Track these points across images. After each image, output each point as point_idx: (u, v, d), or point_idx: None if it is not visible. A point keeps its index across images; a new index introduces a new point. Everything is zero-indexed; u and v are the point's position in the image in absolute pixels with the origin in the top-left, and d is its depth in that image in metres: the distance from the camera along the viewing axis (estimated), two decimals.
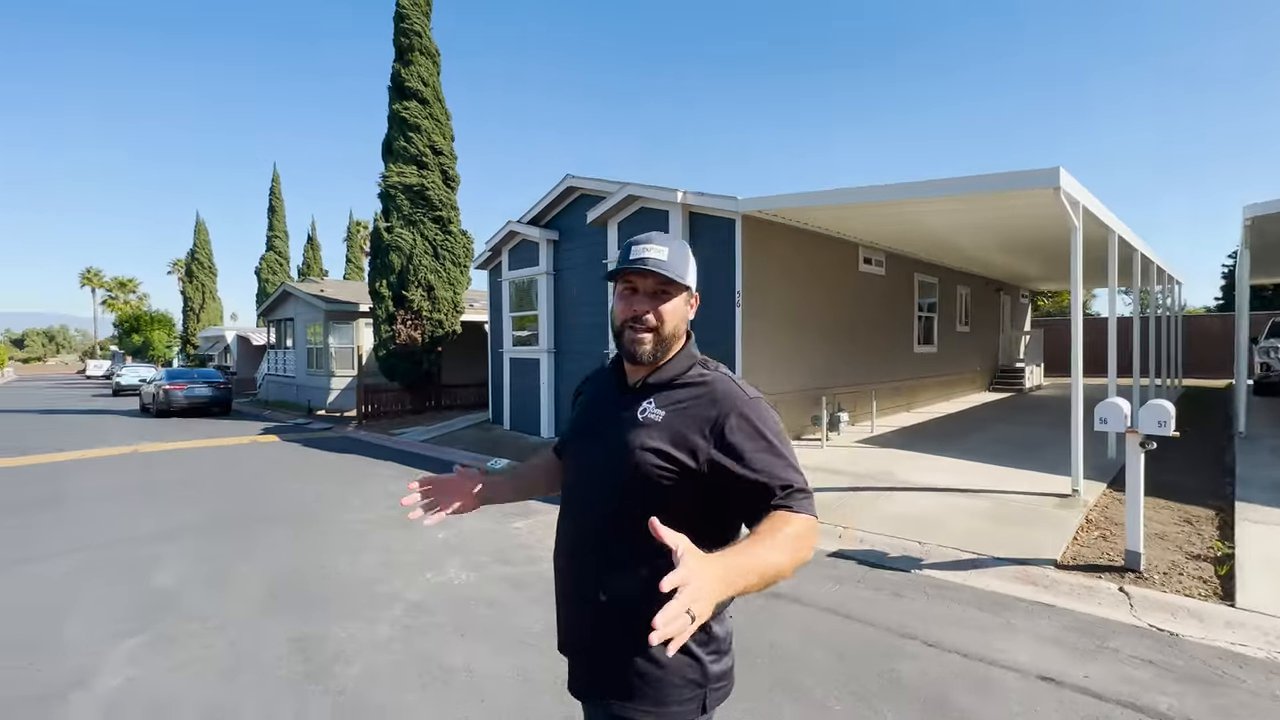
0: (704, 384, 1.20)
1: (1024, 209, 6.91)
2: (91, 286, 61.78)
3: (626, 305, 1.20)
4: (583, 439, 1.31)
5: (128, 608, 3.75)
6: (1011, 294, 17.37)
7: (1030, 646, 3.07)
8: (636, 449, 1.15)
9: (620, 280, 1.21)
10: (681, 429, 1.15)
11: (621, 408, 1.23)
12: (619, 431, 1.20)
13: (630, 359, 1.22)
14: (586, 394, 1.38)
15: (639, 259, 1.17)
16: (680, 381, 1.21)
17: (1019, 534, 4.71)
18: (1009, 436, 8.75)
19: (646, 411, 1.19)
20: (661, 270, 1.16)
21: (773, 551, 0.96)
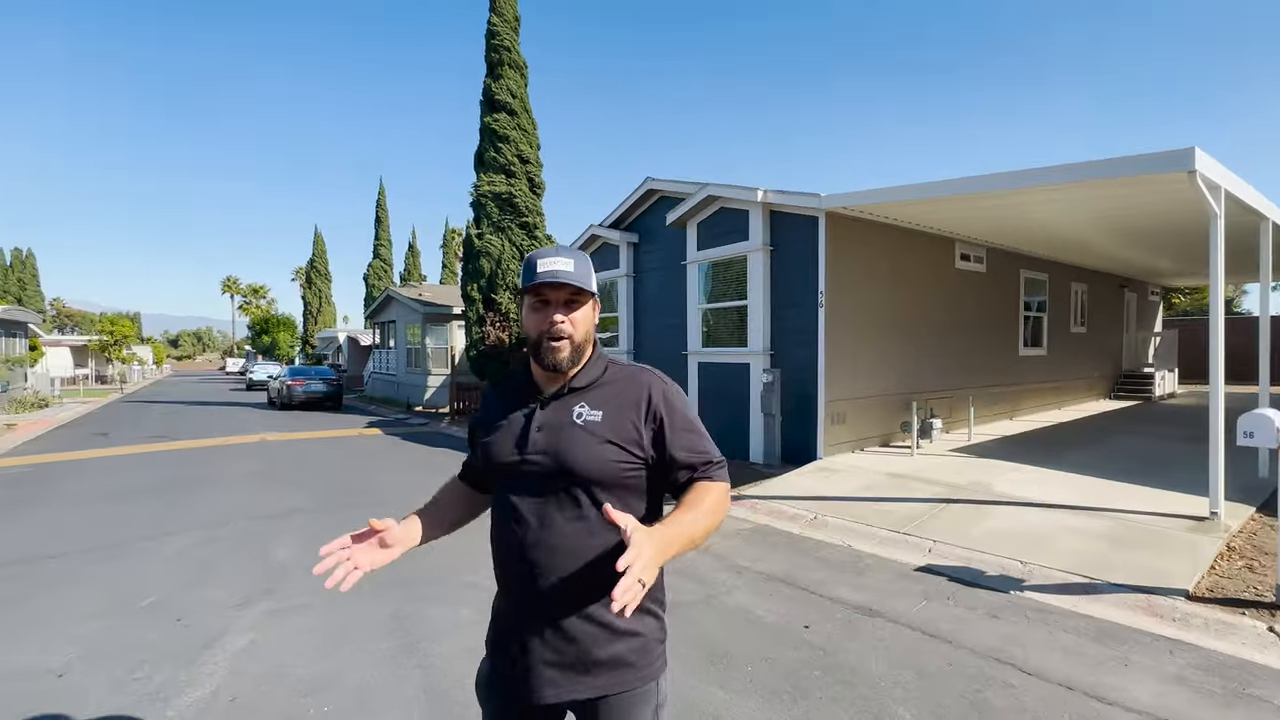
0: (625, 378, 1.32)
1: (1152, 196, 6.16)
2: (230, 293, 69.84)
3: (541, 317, 1.26)
4: (523, 454, 1.26)
5: (251, 578, 4.21)
6: (1138, 291, 15.55)
7: (1151, 685, 2.74)
8: (591, 451, 1.23)
9: (530, 294, 1.27)
10: (622, 423, 1.26)
11: (553, 416, 1.28)
12: (564, 439, 1.24)
13: (549, 368, 1.28)
14: (496, 413, 1.36)
15: (550, 272, 1.24)
16: (603, 381, 1.31)
17: (1142, 559, 4.21)
18: (1132, 450, 7.85)
19: (583, 415, 1.26)
20: (572, 281, 1.23)
21: (699, 520, 1.17)
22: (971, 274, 9.66)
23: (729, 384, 8.61)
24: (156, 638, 3.30)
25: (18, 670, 2.98)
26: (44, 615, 3.65)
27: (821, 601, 3.74)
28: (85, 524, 5.76)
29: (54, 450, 10.64)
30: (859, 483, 6.48)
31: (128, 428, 13.82)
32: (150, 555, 4.75)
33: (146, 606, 3.74)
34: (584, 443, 1.23)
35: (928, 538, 4.82)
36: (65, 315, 66.33)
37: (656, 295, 10.27)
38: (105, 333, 34.38)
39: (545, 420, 1.27)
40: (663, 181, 9.88)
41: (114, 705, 2.67)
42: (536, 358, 1.29)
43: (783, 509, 5.83)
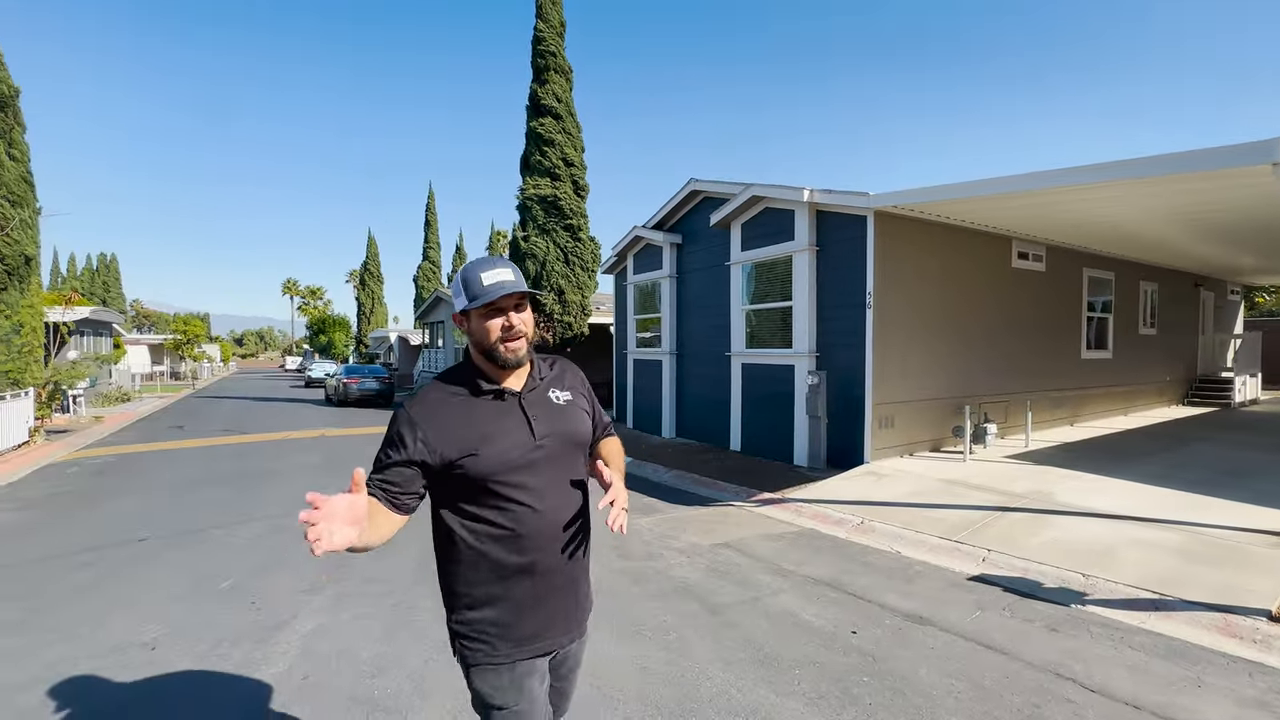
0: (563, 366, 1.64)
1: (1233, 191, 5.79)
2: (290, 294, 73.39)
3: (497, 323, 1.42)
4: (536, 443, 1.45)
5: (317, 566, 4.46)
6: (1216, 290, 14.55)
7: (1228, 708, 2.60)
8: (582, 422, 1.56)
9: (485, 306, 1.42)
10: (580, 398, 1.61)
11: (539, 406, 1.50)
12: (561, 420, 1.51)
13: (509, 365, 1.45)
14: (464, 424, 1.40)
15: (499, 284, 1.41)
16: (554, 371, 1.60)
17: (1218, 575, 3.97)
18: (1207, 459, 7.37)
19: (561, 398, 1.54)
20: (518, 289, 1.41)
21: (621, 462, 1.68)
22: (1030, 273, 9.26)
23: (773, 385, 8.53)
24: (234, 619, 3.55)
25: (116, 644, 3.26)
26: (133, 595, 3.97)
27: (869, 607, 3.69)
28: (166, 511, 6.20)
29: (136, 441, 11.47)
30: (908, 488, 6.32)
31: (201, 421, 14.75)
32: (225, 542, 5.09)
33: (224, 589, 4.02)
34: (576, 418, 1.55)
35: (981, 546, 4.67)
36: (143, 315, 71.09)
37: (699, 296, 10.27)
38: (179, 332, 36.74)
39: (535, 410, 1.49)
40: (706, 182, 9.87)
41: (200, 678, 2.90)
42: (493, 359, 1.44)
43: (828, 513, 5.75)
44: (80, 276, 50.54)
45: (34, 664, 3.06)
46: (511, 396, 1.47)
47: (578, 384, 1.63)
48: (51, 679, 2.91)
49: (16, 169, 11.45)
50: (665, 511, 6.00)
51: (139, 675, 2.93)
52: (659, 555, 4.68)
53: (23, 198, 11.44)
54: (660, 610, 3.67)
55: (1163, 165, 4.90)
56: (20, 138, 11.70)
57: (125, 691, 2.81)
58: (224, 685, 2.84)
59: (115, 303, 51.91)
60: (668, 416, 10.89)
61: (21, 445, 10.44)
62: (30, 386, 11.16)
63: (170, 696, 2.75)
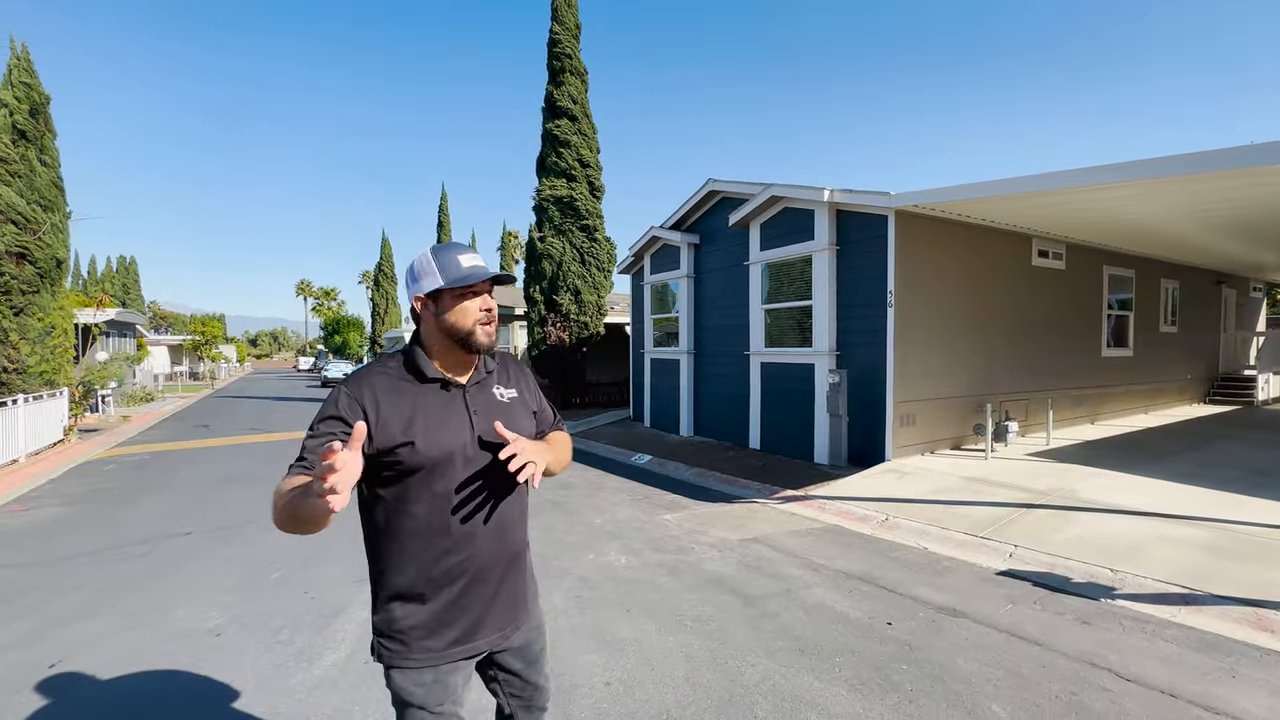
0: (505, 360, 1.60)
1: (1256, 189, 5.80)
2: (304, 295, 74.19)
3: (475, 305, 1.40)
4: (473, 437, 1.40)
5: (361, 558, 4.59)
6: (1238, 287, 14.42)
7: (1262, 699, 2.67)
8: (524, 421, 1.53)
9: (461, 289, 1.39)
10: (526, 395, 1.59)
11: (481, 401, 1.46)
12: (501, 417, 1.44)
13: (484, 351, 1.43)
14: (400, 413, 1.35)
15: (474, 267, 1.39)
16: (498, 366, 1.56)
17: (1248, 571, 4.02)
18: (1233, 457, 7.37)
19: (504, 394, 1.52)
20: (495, 274, 1.42)
21: (564, 451, 1.61)
22: (1050, 271, 9.27)
23: (793, 384, 8.60)
24: (290, 607, 3.70)
25: (182, 630, 3.42)
26: (188, 586, 4.14)
27: (902, 600, 3.77)
28: (205, 506, 6.40)
29: (166, 440, 11.75)
30: (931, 485, 6.39)
31: (225, 420, 15.04)
32: (266, 536, 5.25)
33: (275, 580, 4.18)
34: (518, 415, 1.51)
35: (1008, 542, 4.73)
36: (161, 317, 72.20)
37: (717, 296, 10.35)
38: (197, 333, 37.30)
39: (477, 405, 1.45)
40: (724, 183, 9.95)
41: (268, 662, 3.04)
42: (468, 345, 1.40)
43: (852, 510, 5.83)
44: (102, 279, 51.43)
45: (116, 648, 3.23)
46: (456, 389, 1.43)
47: (523, 381, 1.59)
48: (134, 664, 3.07)
49: (48, 174, 11.76)
50: (691, 508, 6.10)
51: (211, 660, 3.09)
52: (690, 550, 4.79)
53: (54, 202, 11.75)
54: (698, 602, 3.78)
55: (1185, 164, 4.94)
56: (51, 144, 12.02)
57: (199, 676, 2.96)
58: (290, 670, 2.98)
59: (135, 304, 52.77)
60: (686, 415, 10.99)
61: (57, 444, 10.74)
62: (64, 386, 11.46)
63: (241, 680, 2.90)
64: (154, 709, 2.70)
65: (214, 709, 2.69)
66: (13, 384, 10.45)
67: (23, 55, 11.58)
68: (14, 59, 11.43)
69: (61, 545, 5.10)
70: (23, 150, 11.12)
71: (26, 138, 11.24)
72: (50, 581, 4.24)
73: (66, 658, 3.12)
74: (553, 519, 5.74)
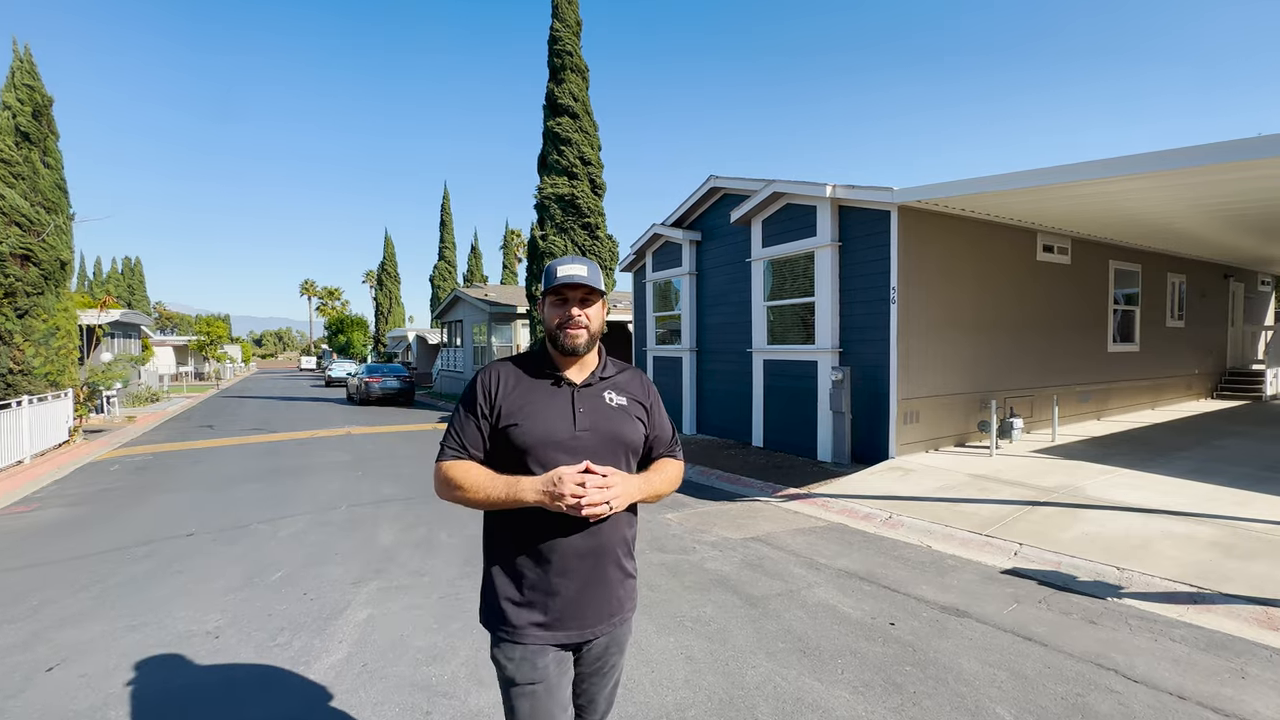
0: (629, 374, 1.68)
1: (1256, 182, 5.71)
2: (308, 295, 74.43)
3: (562, 311, 1.53)
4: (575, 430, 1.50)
5: (361, 559, 4.60)
6: (1246, 281, 14.28)
7: (1273, 700, 2.62)
8: (629, 425, 1.57)
9: (552, 294, 1.54)
10: (637, 407, 1.63)
11: (590, 400, 1.55)
12: (605, 418, 1.54)
13: (569, 352, 1.54)
14: (520, 396, 1.52)
15: (568, 275, 1.51)
16: (618, 376, 1.64)
17: (1258, 569, 3.96)
18: (1240, 453, 7.29)
19: (614, 400, 1.58)
20: (586, 282, 1.51)
21: (665, 482, 1.61)
22: (1055, 266, 9.19)
23: (795, 381, 8.56)
24: (289, 609, 3.69)
25: (181, 633, 3.41)
26: (191, 586, 4.13)
27: (905, 600, 3.73)
28: (208, 507, 6.40)
29: (171, 440, 11.79)
30: (935, 483, 6.33)
31: (229, 421, 15.08)
32: (269, 536, 5.25)
33: (275, 581, 4.17)
34: (624, 421, 1.57)
35: (1013, 540, 4.68)
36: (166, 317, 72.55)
37: (720, 293, 10.31)
38: (202, 333, 37.47)
39: (584, 404, 1.54)
40: (726, 179, 9.90)
41: (265, 664, 3.03)
42: (555, 343, 1.55)
43: (855, 508, 5.79)
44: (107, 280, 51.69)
45: (114, 651, 3.22)
46: (568, 385, 1.55)
47: (640, 394, 1.65)
48: (131, 668, 3.06)
49: (51, 176, 11.80)
50: (693, 506, 6.07)
51: (207, 663, 3.07)
52: (692, 549, 4.76)
53: (57, 204, 11.79)
54: (699, 602, 3.75)
55: (1192, 157, 4.86)
56: (54, 146, 12.05)
57: (197, 679, 2.95)
58: (287, 673, 2.97)
59: (140, 305, 53.02)
60: (688, 412, 10.95)
61: (62, 444, 10.78)
62: (69, 387, 11.51)
63: (238, 684, 2.88)
64: (147, 713, 2.69)
65: (207, 714, 2.67)
66: (18, 385, 10.50)
67: (26, 57, 11.61)
68: (17, 61, 11.46)
69: (64, 547, 5.10)
70: (26, 152, 11.15)
71: (30, 140, 11.27)
72: (52, 583, 4.24)
73: (65, 661, 3.12)
74: None
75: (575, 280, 1.51)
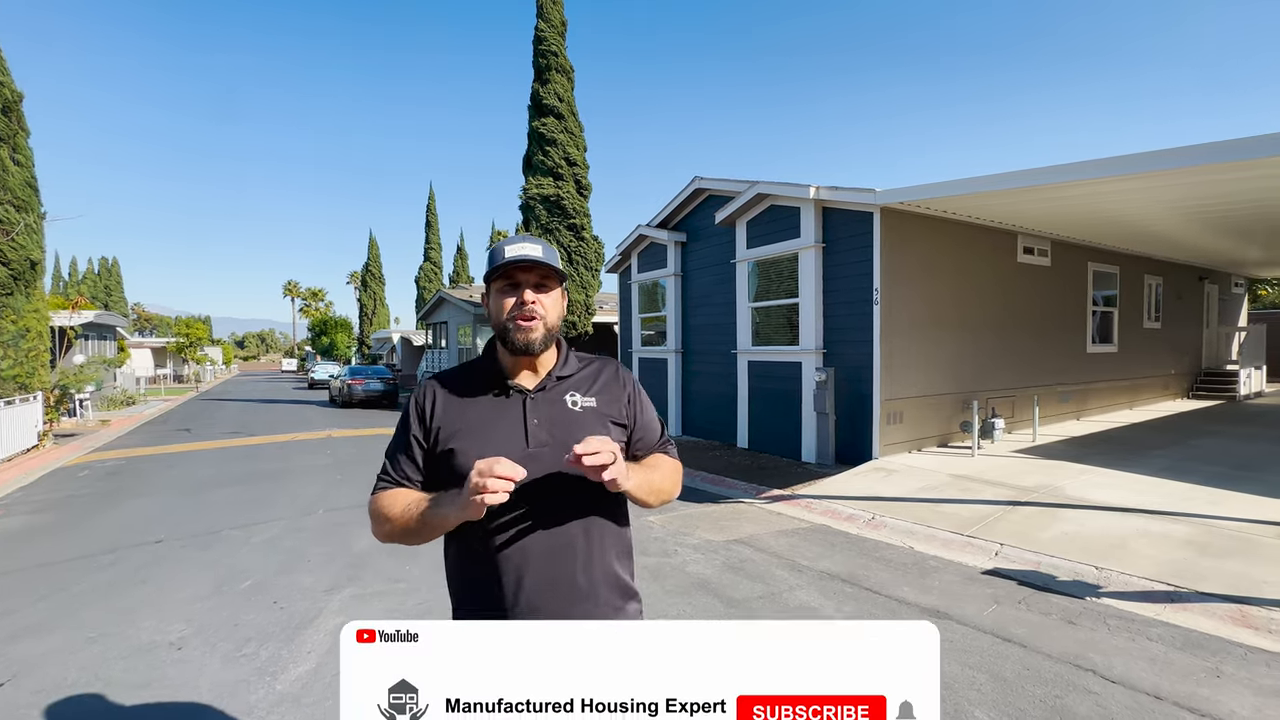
0: (598, 365, 1.41)
1: (1246, 183, 5.80)
2: (291, 296, 73.41)
3: (511, 299, 1.26)
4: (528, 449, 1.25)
5: (335, 567, 4.49)
6: (1220, 283, 14.57)
7: (1247, 699, 2.63)
8: (596, 433, 1.20)
9: (500, 279, 1.27)
10: (612, 406, 1.35)
11: (546, 408, 1.29)
12: (565, 428, 1.27)
13: (520, 350, 1.27)
14: (459, 413, 1.29)
15: (519, 254, 1.24)
16: (581, 370, 1.37)
17: (1233, 567, 4.00)
18: (1215, 452, 7.40)
19: (577, 404, 1.31)
20: (542, 260, 1.25)
21: (665, 479, 1.36)
22: (1035, 268, 9.28)
23: (780, 383, 8.56)
24: (258, 618, 3.58)
25: (142, 644, 3.29)
26: (156, 595, 4.00)
27: (887, 602, 3.71)
28: (179, 513, 6.24)
29: (145, 445, 11.51)
30: (918, 483, 6.35)
31: (207, 424, 14.79)
32: (241, 543, 5.12)
33: (245, 589, 4.05)
34: (588, 425, 1.27)
35: (994, 541, 4.70)
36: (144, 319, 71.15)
37: (705, 294, 10.29)
38: (181, 335, 36.81)
39: (539, 413, 1.28)
40: (711, 180, 9.88)
41: (229, 678, 2.93)
42: (504, 340, 1.28)
43: (839, 509, 5.78)
44: (82, 281, 50.60)
45: (71, 664, 3.09)
46: (517, 393, 1.30)
47: (612, 389, 1.37)
48: (88, 682, 2.94)
49: (21, 174, 11.50)
50: (677, 509, 6.02)
51: (166, 678, 2.96)
52: (674, 552, 4.71)
53: (27, 202, 11.49)
54: (681, 605, 3.70)
55: (1169, 159, 4.92)
56: (24, 143, 11.75)
57: (158, 693, 2.84)
58: (253, 684, 2.87)
59: (117, 306, 51.95)
60: (674, 414, 10.92)
61: (31, 449, 10.48)
62: (38, 390, 11.20)
63: (200, 697, 2.78)
64: None
65: None
66: None
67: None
68: None
69: (26, 555, 4.93)
70: None
71: None
72: (9, 594, 4.09)
73: (17, 675, 2.99)
74: None
75: (527, 259, 1.24)
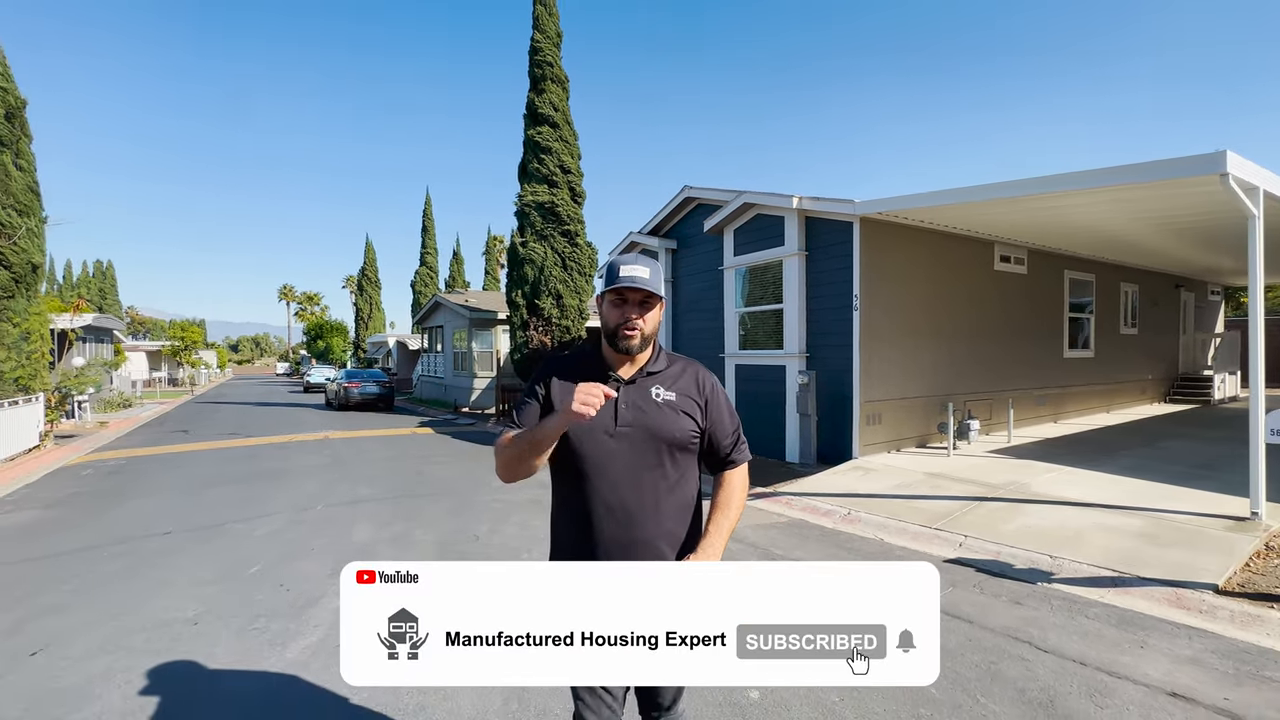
0: (682, 367, 1.67)
1: (1196, 198, 6.16)
2: (286, 300, 73.45)
3: (620, 312, 1.56)
4: (617, 425, 1.56)
5: (337, 554, 4.74)
6: (1196, 291, 14.98)
7: (1163, 665, 2.92)
8: (673, 422, 1.57)
9: (613, 293, 1.57)
10: (688, 402, 1.61)
11: (635, 395, 1.59)
12: (647, 415, 1.57)
13: (623, 352, 1.58)
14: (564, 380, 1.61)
15: (629, 277, 1.53)
16: (668, 369, 1.65)
17: (1174, 556, 4.30)
18: (1181, 453, 7.73)
19: (660, 395, 1.59)
20: (644, 286, 1.53)
21: (735, 510, 1.60)
22: (1012, 275, 9.63)
23: (765, 385, 8.86)
24: (266, 599, 3.84)
25: (160, 619, 3.55)
26: (167, 579, 4.25)
27: None
28: (184, 508, 6.48)
29: (144, 445, 11.71)
30: (894, 481, 6.65)
31: (204, 425, 14.97)
32: (245, 535, 5.36)
33: (253, 574, 4.31)
34: (669, 417, 1.57)
35: (959, 533, 4.99)
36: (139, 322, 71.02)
37: (694, 299, 10.60)
38: (176, 338, 36.86)
39: (628, 399, 1.58)
40: (700, 190, 10.21)
41: (242, 647, 3.19)
42: (612, 343, 1.59)
43: (817, 505, 6.07)
44: (79, 284, 50.57)
45: (97, 637, 3.35)
46: (613, 382, 1.58)
47: (693, 389, 1.64)
48: (112, 650, 3.20)
49: (24, 179, 11.72)
50: None
51: (186, 645, 3.23)
52: None
53: (29, 207, 11.70)
54: None
55: (1114, 176, 5.28)
56: (27, 148, 11.97)
57: (177, 659, 3.10)
58: (265, 653, 3.13)
59: (112, 309, 51.92)
60: None
61: (33, 449, 10.68)
62: (40, 392, 11.40)
63: (216, 662, 3.04)
64: (130, 688, 2.84)
65: (188, 687, 2.83)
66: None
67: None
68: None
69: (40, 546, 5.17)
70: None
71: (2, 142, 11.20)
72: (29, 579, 4.33)
73: (49, 645, 3.25)
74: (524, 515, 5.91)
75: (636, 284, 1.52)
